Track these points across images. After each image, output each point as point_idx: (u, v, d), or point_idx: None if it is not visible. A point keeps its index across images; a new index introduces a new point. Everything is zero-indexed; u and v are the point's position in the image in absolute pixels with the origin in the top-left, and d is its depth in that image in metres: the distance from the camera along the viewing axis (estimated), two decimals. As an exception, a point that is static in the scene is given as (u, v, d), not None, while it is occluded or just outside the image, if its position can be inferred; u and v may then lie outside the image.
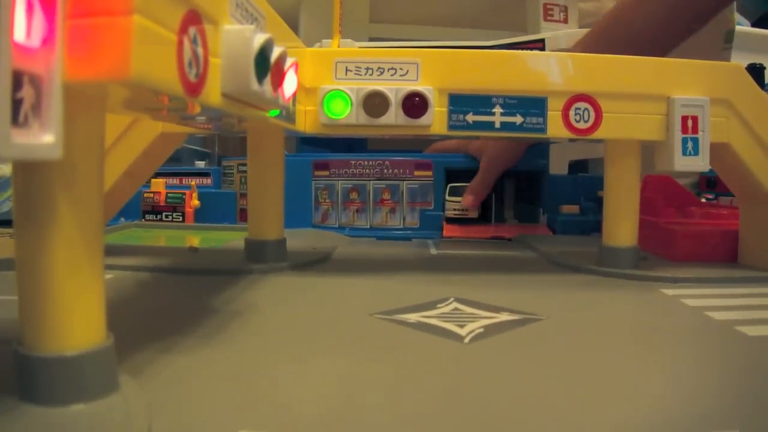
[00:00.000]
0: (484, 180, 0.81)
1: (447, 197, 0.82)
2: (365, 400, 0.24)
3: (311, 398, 0.25)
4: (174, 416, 0.23)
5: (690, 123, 0.47)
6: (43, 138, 0.18)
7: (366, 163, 0.82)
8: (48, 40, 0.18)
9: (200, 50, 0.24)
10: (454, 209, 0.82)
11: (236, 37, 0.27)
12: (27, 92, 0.17)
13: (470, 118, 0.48)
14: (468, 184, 0.80)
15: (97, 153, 0.22)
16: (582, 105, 0.48)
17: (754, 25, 1.31)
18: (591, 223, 0.79)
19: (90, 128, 0.22)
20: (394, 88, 0.46)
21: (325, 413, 0.23)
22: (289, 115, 0.42)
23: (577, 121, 0.48)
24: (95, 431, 0.21)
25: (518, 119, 0.48)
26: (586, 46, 0.71)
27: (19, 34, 0.17)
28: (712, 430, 0.22)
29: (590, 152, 0.89)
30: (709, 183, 0.87)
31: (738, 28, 1.06)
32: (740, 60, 0.78)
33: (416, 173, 0.82)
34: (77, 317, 0.22)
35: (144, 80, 0.20)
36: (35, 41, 0.18)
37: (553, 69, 0.48)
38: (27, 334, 0.21)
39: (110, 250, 0.56)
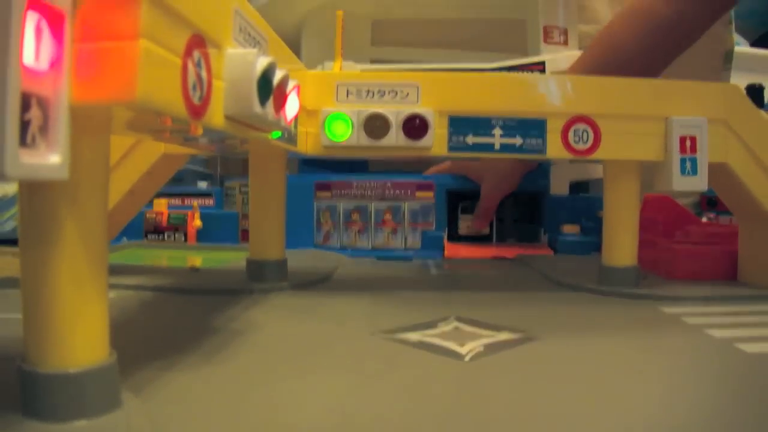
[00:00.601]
0: (485, 209, 0.83)
1: (460, 215, 0.83)
2: (365, 420, 0.25)
3: (310, 417, 0.25)
4: (176, 433, 0.23)
5: (688, 143, 0.48)
6: (50, 159, 0.19)
7: (368, 184, 0.82)
8: (56, 63, 0.19)
9: (204, 73, 0.25)
10: (468, 227, 0.83)
11: (239, 60, 0.28)
12: (35, 114, 0.18)
13: (470, 139, 0.48)
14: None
15: (101, 173, 0.22)
16: (581, 126, 0.48)
17: (753, 45, 1.32)
18: (592, 243, 0.80)
19: (95, 149, 0.22)
20: (394, 111, 0.47)
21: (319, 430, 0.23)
22: (290, 137, 0.43)
23: (576, 142, 0.48)
24: (98, 448, 0.21)
25: (518, 141, 0.48)
26: (577, 71, 0.72)
27: (28, 57, 0.18)
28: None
29: (591, 173, 0.90)
30: (710, 202, 0.88)
31: (737, 48, 1.06)
32: (739, 80, 0.79)
33: (418, 194, 0.82)
34: (80, 334, 0.22)
35: (149, 103, 0.20)
36: (43, 64, 0.18)
37: (552, 91, 0.49)
38: (31, 350, 0.22)
39: (112, 270, 0.56)
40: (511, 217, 0.89)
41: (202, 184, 1.09)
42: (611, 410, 0.26)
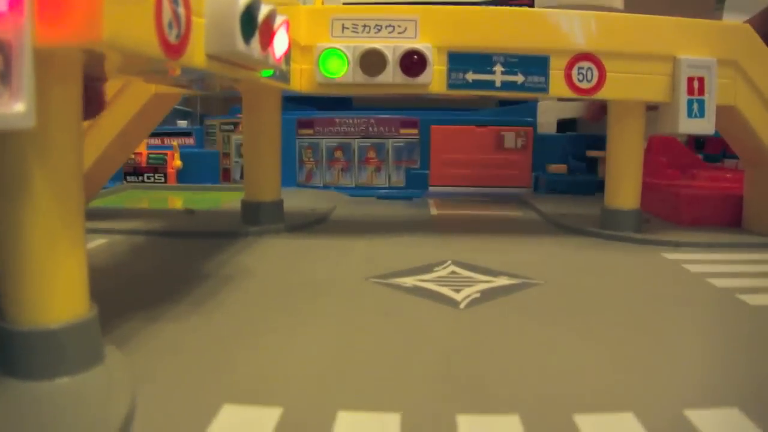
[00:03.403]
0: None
1: None
2: (353, 373, 0.24)
3: (298, 370, 0.24)
4: (159, 389, 0.22)
5: (696, 84, 0.46)
6: (14, 107, 0.17)
7: (351, 121, 0.81)
8: (15, 3, 0.17)
9: (182, 10, 0.23)
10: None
11: (221, -5, 0.26)
12: (-6, 59, 0.17)
13: (470, 76, 0.47)
14: None
15: (73, 122, 0.21)
16: (585, 64, 0.46)
17: (745, -16, 1.28)
18: (579, 183, 0.78)
19: (65, 96, 0.21)
20: (391, 46, 0.45)
21: (312, 385, 0.23)
22: (283, 75, 0.41)
23: (580, 81, 0.47)
24: (78, 405, 0.20)
25: (519, 78, 0.47)
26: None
27: (-16, -1, 0.16)
28: (710, 406, 0.21)
29: (580, 110, 0.88)
30: (697, 144, 0.86)
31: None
32: (731, 20, 0.77)
33: (402, 131, 0.81)
34: (58, 290, 0.21)
35: (118, 43, 0.19)
36: (2, 6, 0.17)
37: (556, 27, 0.47)
38: (8, 308, 0.21)
39: (106, 214, 0.56)
40: None
41: (182, 123, 1.06)
42: (604, 360, 0.25)
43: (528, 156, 0.86)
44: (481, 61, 0.47)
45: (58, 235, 0.21)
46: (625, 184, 0.51)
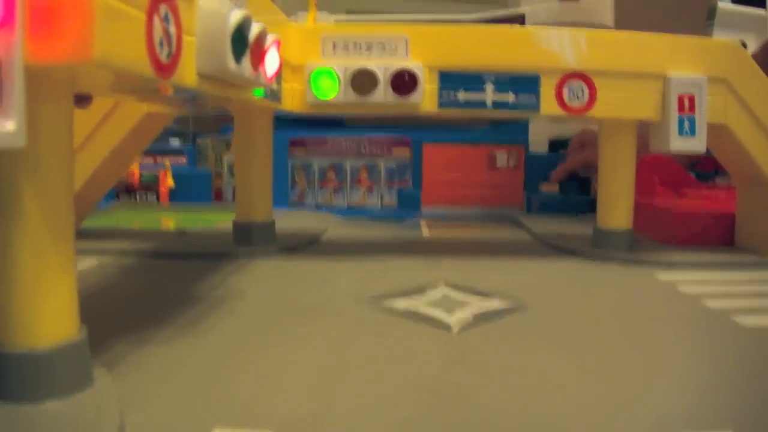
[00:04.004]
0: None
1: None
2: (345, 398, 0.24)
3: (289, 394, 0.24)
4: (148, 413, 0.22)
5: (687, 102, 0.46)
6: (4, 126, 0.17)
7: (343, 141, 0.81)
8: (6, 20, 0.17)
9: (172, 28, 0.23)
10: None
11: (212, 13, 0.26)
12: (-16, 77, 0.16)
13: (461, 96, 0.47)
14: None
15: (64, 141, 0.21)
16: (576, 83, 0.47)
17: (735, 2, 1.30)
18: (571, 203, 0.78)
19: (56, 115, 0.20)
20: (382, 66, 0.45)
21: (303, 411, 0.22)
22: (274, 94, 0.41)
23: (571, 100, 0.47)
24: (67, 428, 0.20)
25: (510, 97, 0.47)
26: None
27: (-26, 15, 0.16)
28: (704, 430, 0.21)
29: (571, 130, 0.88)
30: (690, 162, 0.86)
31: (720, 4, 1.05)
32: (721, 37, 0.77)
33: (394, 151, 0.81)
34: (47, 311, 0.21)
35: (109, 61, 0.19)
36: (-7, 23, 0.17)
37: (546, 45, 0.47)
38: (-4, 329, 0.21)
39: (98, 234, 0.56)
40: None
41: (174, 142, 1.06)
42: (598, 386, 0.25)
43: (520, 175, 0.86)
44: (472, 80, 0.47)
45: (47, 256, 0.20)
46: (617, 203, 0.51)
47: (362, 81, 0.45)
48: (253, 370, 0.26)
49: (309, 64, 0.46)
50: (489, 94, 0.47)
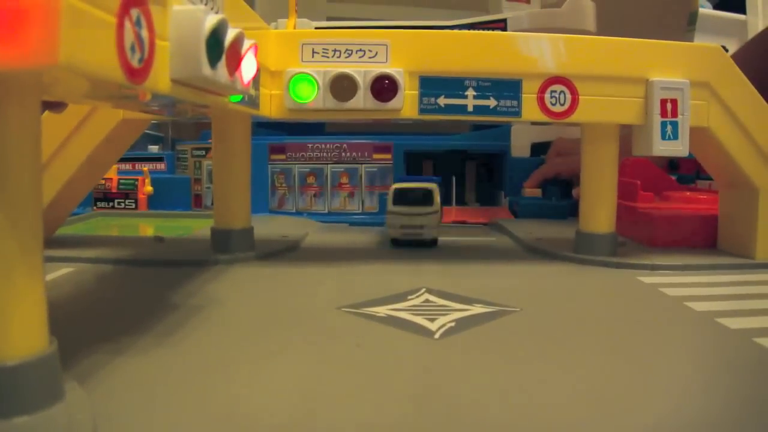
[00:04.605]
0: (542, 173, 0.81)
1: (391, 207, 0.57)
2: (326, 406, 0.23)
3: (268, 406, 0.23)
4: (122, 426, 0.21)
5: (669, 106, 0.46)
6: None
7: (323, 146, 0.80)
8: (-33, 23, 0.17)
9: (145, 33, 0.22)
10: (403, 226, 0.56)
11: (186, 18, 0.25)
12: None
13: (442, 101, 0.46)
14: (418, 185, 0.59)
15: (31, 149, 0.20)
16: (558, 88, 0.46)
17: (716, 7, 1.31)
18: (553, 207, 0.78)
19: (22, 122, 0.20)
20: (362, 71, 0.45)
21: (282, 420, 0.22)
22: (252, 100, 0.40)
23: (553, 104, 0.47)
24: (36, 446, 0.19)
25: (492, 102, 0.47)
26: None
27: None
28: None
29: (553, 134, 0.88)
30: (671, 165, 0.86)
31: (701, 10, 1.06)
32: (702, 42, 0.78)
33: (375, 156, 0.81)
34: (14, 325, 0.20)
35: (76, 66, 0.18)
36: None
37: (528, 50, 0.47)
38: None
39: (73, 242, 0.55)
40: (472, 179, 0.87)
41: (153, 148, 1.05)
42: (582, 391, 0.25)
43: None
44: (453, 85, 0.46)
45: (14, 266, 0.20)
46: (599, 207, 0.51)
47: (341, 86, 0.45)
48: (232, 379, 0.26)
49: (288, 69, 0.45)
50: (470, 100, 0.47)
